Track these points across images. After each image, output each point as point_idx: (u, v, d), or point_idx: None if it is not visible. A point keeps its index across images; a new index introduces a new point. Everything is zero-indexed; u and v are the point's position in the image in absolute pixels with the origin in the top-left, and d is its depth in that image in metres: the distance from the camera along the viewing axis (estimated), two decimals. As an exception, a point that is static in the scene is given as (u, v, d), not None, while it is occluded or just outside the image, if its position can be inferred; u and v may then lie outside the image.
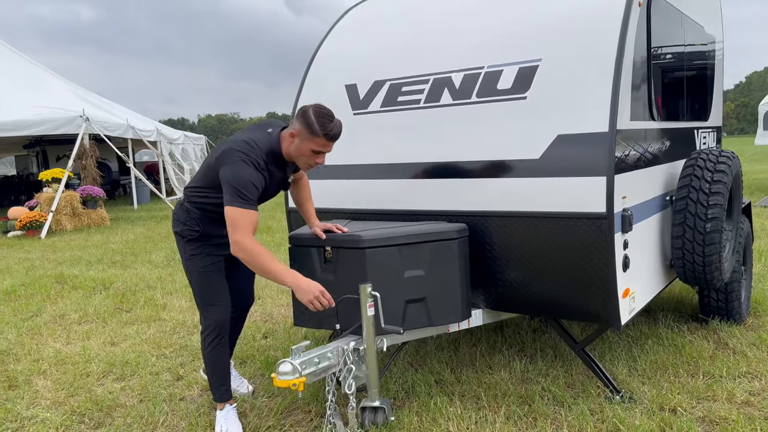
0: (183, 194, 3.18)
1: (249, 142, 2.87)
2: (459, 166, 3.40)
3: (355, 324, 3.09)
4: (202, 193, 3.06)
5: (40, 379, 4.01)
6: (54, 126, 13.22)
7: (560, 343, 4.13)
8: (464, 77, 3.46)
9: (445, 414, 3.17)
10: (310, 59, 4.19)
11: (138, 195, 16.85)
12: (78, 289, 6.59)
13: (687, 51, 4.12)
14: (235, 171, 2.80)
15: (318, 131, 2.84)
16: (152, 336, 4.82)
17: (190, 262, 3.12)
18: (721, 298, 4.23)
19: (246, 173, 2.80)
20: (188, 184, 3.16)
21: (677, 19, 3.93)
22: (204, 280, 3.11)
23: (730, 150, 3.85)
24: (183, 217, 3.11)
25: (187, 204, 3.12)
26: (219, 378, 3.16)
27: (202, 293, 3.13)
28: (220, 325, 3.11)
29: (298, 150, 2.92)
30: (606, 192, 2.95)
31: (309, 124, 2.85)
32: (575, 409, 3.15)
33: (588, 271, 3.06)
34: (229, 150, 2.86)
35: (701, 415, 3.04)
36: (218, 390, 3.16)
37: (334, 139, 2.92)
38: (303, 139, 2.88)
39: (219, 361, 3.15)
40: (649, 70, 3.38)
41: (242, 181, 2.78)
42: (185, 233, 3.10)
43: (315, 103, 2.94)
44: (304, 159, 2.95)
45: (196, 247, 3.10)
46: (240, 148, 2.84)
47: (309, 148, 2.89)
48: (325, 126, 2.85)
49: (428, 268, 3.18)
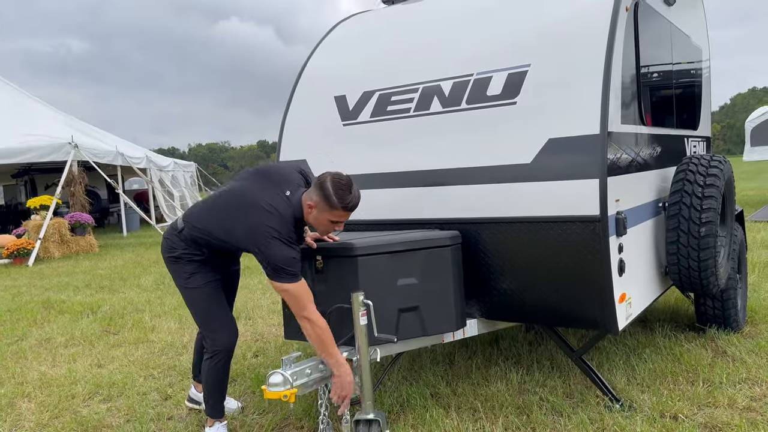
0: (182, 223, 3.02)
1: (276, 216, 2.76)
2: (450, 174, 3.37)
3: (348, 335, 3.01)
4: (213, 238, 2.94)
5: (23, 401, 3.89)
6: (42, 153, 13.15)
7: (557, 354, 4.06)
8: (454, 85, 3.44)
9: (441, 426, 3.08)
10: (298, 72, 4.18)
11: (128, 222, 16.72)
12: (65, 314, 6.47)
13: (675, 59, 4.14)
14: (272, 252, 2.72)
15: (337, 204, 2.79)
16: (140, 357, 4.71)
17: (189, 282, 3.01)
18: (717, 305, 4.18)
19: (285, 253, 2.73)
20: (194, 221, 2.99)
21: (665, 27, 3.96)
22: (205, 298, 3.02)
23: (722, 155, 3.85)
24: (181, 245, 3.00)
25: (186, 233, 2.99)
26: (218, 394, 3.08)
27: (204, 314, 3.03)
28: (228, 348, 3.03)
29: (317, 220, 2.87)
30: (599, 194, 2.92)
31: (327, 196, 2.78)
32: (575, 418, 3.07)
33: (583, 275, 3.01)
34: (258, 225, 2.73)
35: (703, 421, 2.97)
36: (216, 406, 3.08)
37: (352, 210, 2.87)
38: (321, 210, 2.82)
39: (221, 379, 3.07)
40: (637, 74, 3.39)
41: (284, 260, 2.73)
42: (184, 256, 3.00)
43: (333, 174, 2.84)
44: (323, 228, 2.92)
45: (197, 266, 3.01)
46: (271, 224, 2.73)
47: (327, 219, 2.84)
48: (344, 199, 2.79)
49: (421, 276, 3.12)
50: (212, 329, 3.01)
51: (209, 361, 3.00)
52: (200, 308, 3.02)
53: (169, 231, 3.07)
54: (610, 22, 3.09)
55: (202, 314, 3.03)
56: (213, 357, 2.99)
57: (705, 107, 4.97)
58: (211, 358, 2.99)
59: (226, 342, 3.00)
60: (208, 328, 3.02)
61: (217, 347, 2.98)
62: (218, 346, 2.98)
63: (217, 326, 3.01)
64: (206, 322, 3.03)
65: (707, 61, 5.10)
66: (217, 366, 2.99)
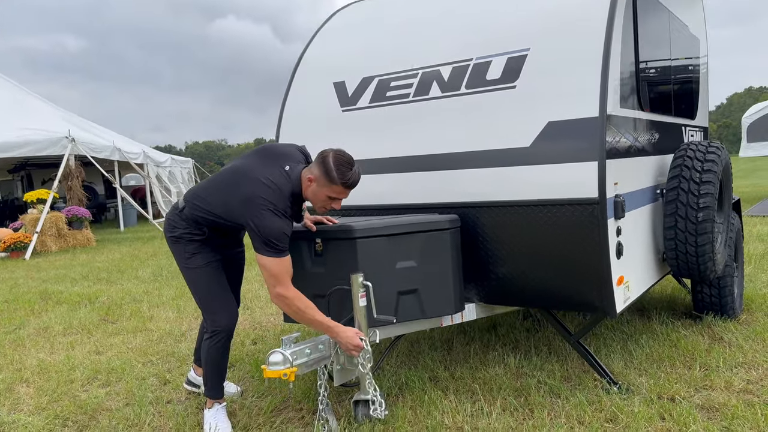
0: (183, 202, 3.03)
1: (273, 189, 2.76)
2: (450, 158, 3.38)
3: (347, 316, 3.02)
4: (213, 216, 2.94)
5: (22, 386, 3.89)
6: (39, 147, 13.12)
7: (554, 339, 4.07)
8: (453, 70, 3.45)
9: (440, 407, 3.09)
10: (297, 59, 4.18)
11: (125, 217, 16.70)
12: (63, 304, 6.46)
13: (673, 47, 4.16)
14: (264, 223, 2.72)
15: (336, 179, 2.80)
16: (138, 345, 4.71)
17: (190, 261, 3.01)
18: (714, 293, 4.20)
19: (276, 225, 2.73)
20: (195, 200, 2.98)
21: (664, 15, 3.98)
22: (205, 278, 3.01)
23: (719, 141, 3.86)
24: (182, 224, 3.01)
25: (187, 212, 2.99)
26: (217, 375, 3.07)
27: (205, 294, 3.03)
28: (228, 329, 3.02)
29: (315, 195, 2.88)
30: (598, 177, 2.93)
31: (327, 171, 2.80)
32: (572, 399, 3.08)
33: (582, 258, 3.03)
34: (254, 197, 2.74)
35: (700, 403, 2.99)
36: (215, 387, 3.07)
37: (352, 187, 2.88)
38: (320, 185, 2.84)
39: (221, 360, 3.06)
40: (636, 60, 3.40)
41: (274, 233, 2.72)
42: (185, 236, 3.00)
43: (335, 150, 2.87)
44: (320, 203, 2.92)
45: (198, 245, 3.01)
46: (266, 196, 2.73)
47: (326, 194, 2.86)
48: (344, 175, 2.81)
49: (420, 260, 3.13)
50: (212, 310, 3.01)
51: (209, 341, 3.00)
52: (201, 288, 3.02)
53: (171, 211, 3.09)
54: (610, 7, 3.10)
55: (202, 294, 3.03)
56: (213, 337, 2.99)
57: (703, 98, 4.99)
58: (211, 337, 2.99)
59: (226, 322, 3.00)
60: (208, 309, 3.02)
61: (217, 327, 2.98)
62: (218, 326, 2.98)
63: (218, 307, 3.01)
64: (206, 302, 3.03)
65: (705, 51, 5.12)
66: (217, 346, 2.99)
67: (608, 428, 2.79)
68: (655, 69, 3.79)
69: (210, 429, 2.97)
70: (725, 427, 2.73)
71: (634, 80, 3.39)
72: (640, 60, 3.45)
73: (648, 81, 3.65)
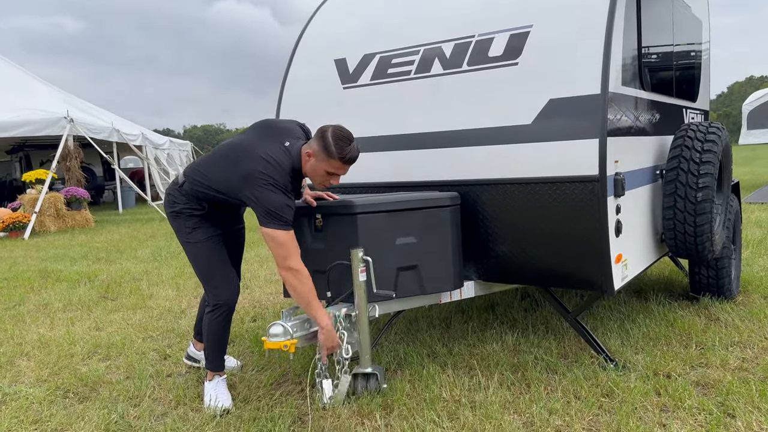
0: (183, 178, 3.04)
1: (273, 165, 2.77)
2: (451, 136, 3.38)
3: (347, 292, 3.04)
4: (213, 191, 2.94)
5: (23, 360, 3.91)
6: (37, 127, 13.07)
7: (552, 318, 4.10)
8: (455, 46, 3.44)
9: (437, 381, 3.12)
10: (298, 36, 4.17)
11: (123, 199, 16.70)
12: (62, 282, 6.48)
13: (676, 28, 4.15)
14: (266, 197, 2.73)
15: (334, 154, 2.81)
16: (138, 321, 4.73)
17: (191, 236, 3.02)
18: (711, 274, 4.23)
19: (278, 200, 2.74)
20: (195, 175, 2.98)
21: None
22: (206, 252, 3.02)
23: (719, 122, 3.87)
24: (182, 199, 3.02)
25: (187, 188, 3.00)
26: (218, 348, 3.09)
27: (206, 268, 3.03)
28: (229, 302, 3.03)
29: (314, 170, 2.89)
30: (599, 154, 2.94)
31: (326, 146, 2.81)
32: (569, 375, 3.12)
33: (581, 235, 3.04)
34: (254, 173, 2.74)
35: (696, 379, 3.02)
36: (216, 359, 3.09)
37: (350, 162, 2.88)
38: (319, 160, 2.84)
39: (221, 333, 3.08)
40: (639, 37, 3.39)
41: (277, 206, 2.73)
42: (185, 211, 3.01)
43: (335, 125, 2.88)
44: (319, 179, 2.93)
45: (198, 220, 3.02)
46: (266, 171, 2.74)
47: (324, 169, 2.86)
48: (343, 150, 2.82)
49: (420, 236, 3.14)
50: (213, 284, 3.03)
51: (210, 314, 3.02)
52: (202, 262, 3.03)
53: (171, 186, 3.09)
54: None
55: (203, 268, 3.04)
56: (214, 310, 3.01)
57: (704, 81, 4.98)
58: (213, 311, 3.01)
59: (228, 296, 3.01)
60: (210, 283, 3.03)
61: (219, 300, 3.00)
62: (219, 300, 3.00)
63: (219, 281, 3.02)
64: (208, 276, 3.04)
65: (707, 34, 5.10)
66: (218, 319, 3.01)
67: (604, 403, 2.82)
68: (657, 49, 3.78)
69: (210, 400, 2.99)
70: (720, 402, 2.76)
71: (636, 59, 3.38)
72: (642, 39, 3.44)
73: (650, 60, 3.64)
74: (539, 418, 2.68)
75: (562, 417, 2.70)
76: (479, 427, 2.63)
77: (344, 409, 2.86)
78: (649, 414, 2.68)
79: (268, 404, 3.00)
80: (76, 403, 3.18)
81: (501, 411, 2.77)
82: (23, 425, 2.91)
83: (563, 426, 2.62)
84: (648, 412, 2.70)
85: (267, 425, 2.74)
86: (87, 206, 12.98)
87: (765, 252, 5.96)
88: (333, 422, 2.77)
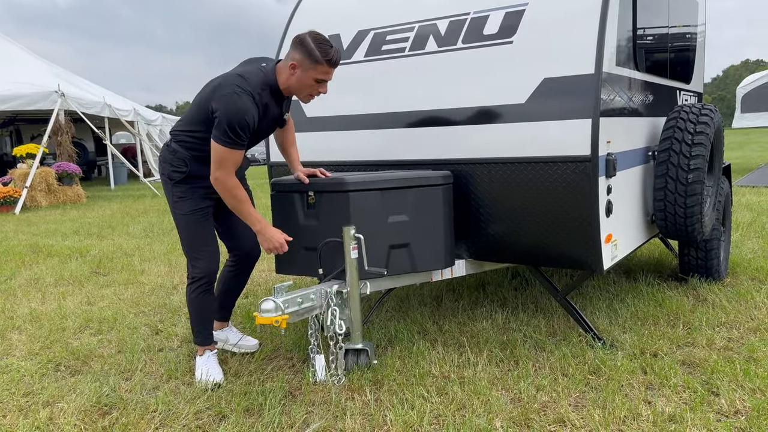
0: (170, 135, 3.08)
1: (243, 76, 2.82)
2: (444, 114, 3.38)
3: (339, 269, 3.05)
4: (191, 132, 2.96)
5: (14, 333, 3.92)
6: (28, 101, 12.94)
7: (541, 297, 4.14)
8: (450, 24, 3.42)
9: (427, 358, 3.16)
10: (292, 11, 4.12)
11: (115, 175, 16.60)
12: (53, 257, 6.47)
13: (671, 7, 4.13)
14: (228, 105, 2.73)
15: (320, 58, 2.81)
16: (130, 296, 4.74)
17: (177, 206, 3.02)
18: (700, 255, 4.27)
19: (241, 106, 2.73)
20: (176, 125, 3.06)
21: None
22: (191, 225, 3.02)
23: (712, 104, 3.87)
24: (169, 157, 3.02)
25: (173, 144, 3.01)
26: (201, 322, 3.09)
27: (189, 240, 3.04)
28: (207, 275, 3.03)
29: (301, 81, 2.88)
30: (591, 134, 2.95)
31: (309, 51, 2.80)
32: (557, 353, 3.15)
33: (572, 214, 3.06)
34: (222, 84, 2.81)
35: (681, 358, 3.06)
36: (202, 333, 3.09)
37: (335, 64, 2.88)
38: (305, 68, 2.84)
39: (203, 307, 3.08)
40: (634, 17, 3.38)
41: (236, 117, 2.72)
42: (172, 175, 3.01)
43: (309, 30, 2.88)
44: (307, 90, 2.92)
45: (185, 189, 3.01)
46: (234, 81, 2.78)
47: (312, 77, 2.85)
48: (327, 52, 2.82)
49: (412, 214, 3.15)
50: (193, 256, 3.04)
51: (189, 287, 3.04)
52: (184, 233, 3.04)
53: (162, 148, 3.12)
54: (609, -38, 3.07)
55: (185, 239, 3.05)
56: (192, 284, 3.03)
57: (699, 64, 4.98)
58: (191, 284, 3.03)
59: (202, 270, 3.01)
60: (190, 255, 3.05)
61: (195, 274, 3.01)
62: (195, 274, 3.01)
63: (198, 254, 3.02)
64: (189, 247, 3.05)
65: (703, 15, 5.08)
66: (197, 292, 3.02)
67: (591, 380, 2.86)
68: (652, 30, 3.77)
69: (202, 375, 3.01)
70: (705, 380, 2.80)
71: (631, 40, 3.37)
72: (637, 19, 3.43)
73: (645, 41, 3.63)
74: (527, 394, 2.72)
75: (549, 393, 2.74)
76: (467, 402, 2.67)
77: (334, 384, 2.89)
78: (635, 391, 2.72)
79: (260, 378, 3.03)
80: (67, 376, 3.20)
81: (489, 387, 2.81)
82: (15, 397, 2.92)
83: (550, 402, 2.66)
84: (634, 390, 2.74)
85: (258, 399, 2.77)
86: (78, 182, 12.91)
87: (754, 235, 6.02)
88: (323, 396, 2.80)
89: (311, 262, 3.17)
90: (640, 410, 2.55)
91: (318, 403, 2.74)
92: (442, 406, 2.65)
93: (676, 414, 2.50)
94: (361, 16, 3.79)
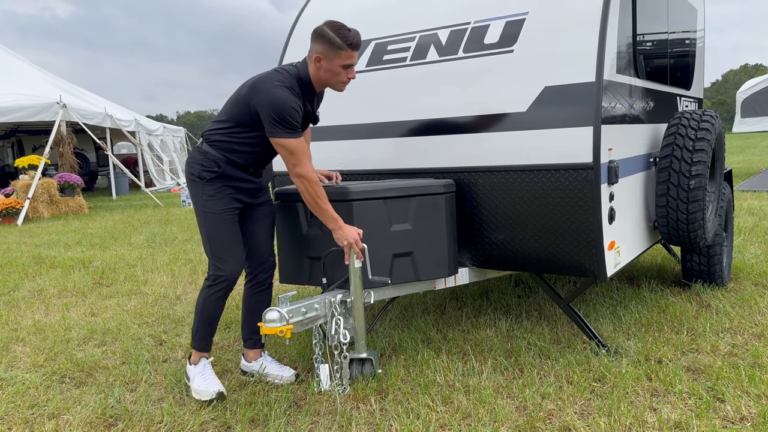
0: (201, 138, 3.06)
1: (279, 71, 2.90)
2: (446, 123, 3.39)
3: (342, 278, 3.06)
4: (223, 130, 2.95)
5: (18, 345, 3.92)
6: (30, 113, 13.00)
7: (545, 305, 4.14)
8: (450, 33, 3.44)
9: (432, 366, 3.16)
10: (294, 20, 4.15)
11: (117, 185, 16.64)
12: (56, 268, 6.48)
13: (671, 16, 4.15)
14: (272, 98, 2.79)
15: (342, 44, 2.86)
16: (133, 307, 4.75)
17: (208, 204, 2.93)
18: (703, 261, 4.27)
19: (284, 97, 2.79)
20: (211, 125, 3.03)
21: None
22: (222, 224, 2.94)
23: (713, 110, 3.89)
24: (199, 158, 2.97)
25: (204, 146, 2.98)
26: (209, 326, 3.01)
27: (218, 239, 2.94)
28: (232, 276, 2.95)
29: (329, 71, 2.93)
30: (593, 142, 2.96)
31: (330, 40, 2.87)
32: (561, 360, 3.15)
33: (575, 222, 3.06)
34: (261, 80, 2.87)
35: (686, 365, 3.06)
36: (204, 339, 3.01)
37: (357, 47, 2.93)
38: (330, 58, 2.89)
39: (214, 311, 2.99)
40: (634, 25, 3.40)
41: (284, 107, 2.78)
42: (203, 174, 2.94)
43: (325, 21, 2.94)
44: (337, 78, 2.96)
45: (218, 187, 2.95)
46: (272, 76, 2.86)
47: (338, 65, 2.91)
48: (347, 37, 2.88)
49: (415, 223, 3.16)
50: (218, 256, 2.94)
51: (208, 289, 2.96)
52: (214, 232, 2.94)
53: (192, 150, 3.11)
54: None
55: (214, 238, 2.95)
56: (214, 285, 2.94)
57: (698, 69, 5.00)
58: (212, 285, 2.95)
59: (231, 268, 2.93)
60: (215, 255, 2.95)
61: (221, 273, 2.92)
62: (221, 272, 2.92)
63: (225, 254, 2.94)
64: (217, 246, 2.95)
65: (703, 22, 5.10)
66: (216, 295, 2.95)
67: (596, 387, 2.86)
68: (652, 36, 3.79)
69: (199, 386, 2.90)
70: (710, 387, 2.80)
71: (631, 47, 3.39)
72: (637, 26, 3.45)
73: (645, 48, 3.65)
74: (532, 402, 2.72)
75: (554, 401, 2.73)
76: (473, 411, 2.67)
77: (339, 394, 2.89)
78: (640, 398, 2.72)
79: (264, 389, 3.02)
80: (72, 387, 3.20)
81: (494, 395, 2.80)
82: (20, 410, 2.92)
83: (555, 410, 2.66)
84: (639, 397, 2.74)
85: (263, 409, 2.77)
86: (80, 192, 12.93)
87: (756, 239, 6.02)
88: (328, 406, 2.80)
89: (315, 271, 3.17)
90: (645, 417, 2.55)
91: (323, 413, 2.74)
92: (448, 415, 2.65)
93: (681, 421, 2.50)
94: (363, 26, 3.78)
